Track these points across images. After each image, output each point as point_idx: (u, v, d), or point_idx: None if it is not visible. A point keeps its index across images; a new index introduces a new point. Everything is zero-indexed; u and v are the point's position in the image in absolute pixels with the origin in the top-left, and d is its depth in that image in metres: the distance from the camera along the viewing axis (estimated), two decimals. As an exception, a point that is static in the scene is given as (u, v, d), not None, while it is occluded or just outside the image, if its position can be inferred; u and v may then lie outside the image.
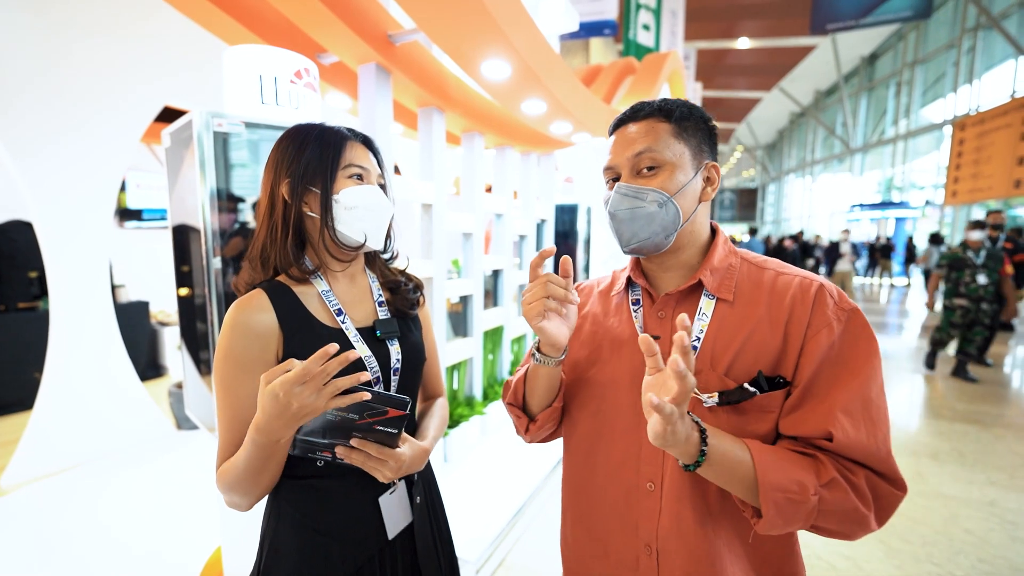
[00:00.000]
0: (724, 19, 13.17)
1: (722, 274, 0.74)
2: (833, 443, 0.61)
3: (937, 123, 11.71)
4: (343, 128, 0.85)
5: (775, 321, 0.68)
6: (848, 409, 0.62)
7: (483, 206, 2.97)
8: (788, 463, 0.61)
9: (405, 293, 0.93)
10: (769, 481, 0.59)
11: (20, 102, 2.46)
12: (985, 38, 10.11)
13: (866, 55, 15.06)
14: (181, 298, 1.81)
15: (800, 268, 0.75)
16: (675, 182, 0.70)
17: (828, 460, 0.62)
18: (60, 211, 2.67)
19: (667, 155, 0.70)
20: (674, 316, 0.74)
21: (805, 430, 0.64)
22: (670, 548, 0.70)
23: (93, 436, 2.89)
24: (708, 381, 0.68)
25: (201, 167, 1.38)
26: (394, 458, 0.73)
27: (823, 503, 0.60)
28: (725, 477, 0.61)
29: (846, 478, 0.61)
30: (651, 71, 4.48)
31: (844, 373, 0.64)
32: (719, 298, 0.72)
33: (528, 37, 2.00)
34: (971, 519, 2.42)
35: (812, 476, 0.60)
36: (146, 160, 5.32)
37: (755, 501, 0.61)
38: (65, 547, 2.09)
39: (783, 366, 0.67)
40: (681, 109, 0.73)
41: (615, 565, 0.75)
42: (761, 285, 0.72)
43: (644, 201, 0.70)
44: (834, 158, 17.29)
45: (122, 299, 4.33)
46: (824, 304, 0.67)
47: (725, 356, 0.68)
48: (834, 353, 0.65)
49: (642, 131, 0.72)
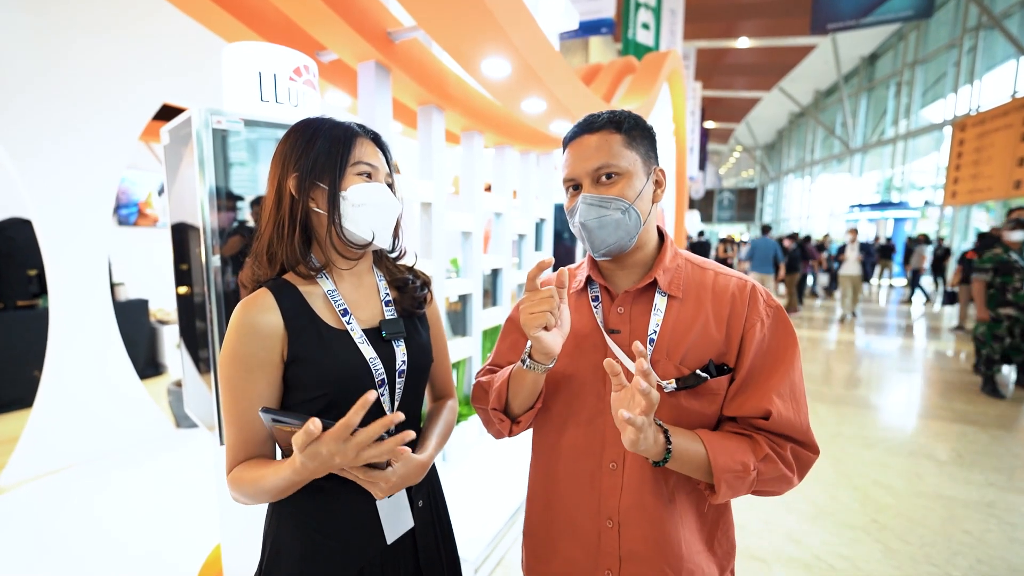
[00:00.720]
0: (724, 18, 13.16)
1: (672, 273, 0.82)
2: (770, 421, 0.74)
3: (937, 123, 11.72)
4: (353, 124, 0.83)
5: (719, 317, 0.79)
6: (780, 392, 0.75)
7: (482, 205, 2.96)
8: (733, 447, 0.73)
9: (412, 291, 0.91)
10: (720, 465, 0.71)
11: (19, 101, 2.46)
12: (986, 38, 10.11)
13: (866, 55, 15.05)
14: (180, 296, 1.81)
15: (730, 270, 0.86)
16: (633, 188, 0.78)
17: (761, 438, 0.75)
18: (59, 209, 2.66)
19: (623, 164, 0.77)
20: (632, 311, 0.82)
21: (745, 411, 0.76)
22: (631, 520, 0.79)
23: (92, 434, 2.89)
24: (666, 369, 0.78)
25: (200, 165, 1.38)
26: (383, 479, 0.72)
27: (760, 474, 0.73)
28: (685, 466, 0.73)
29: (776, 452, 0.74)
30: (651, 70, 4.48)
31: (774, 362, 0.77)
32: (670, 295, 0.81)
33: (528, 35, 2.00)
34: (969, 520, 2.42)
35: (751, 455, 0.73)
36: (145, 158, 5.31)
37: (708, 479, 0.73)
38: (64, 545, 2.09)
39: (727, 356, 0.78)
40: (628, 120, 0.79)
41: (580, 539, 0.83)
42: (704, 284, 0.82)
43: (609, 209, 0.77)
44: (833, 158, 17.29)
45: (121, 297, 4.33)
46: (757, 302, 0.79)
47: (679, 348, 0.78)
48: (765, 344, 0.77)
49: (598, 143, 0.78)
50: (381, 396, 0.81)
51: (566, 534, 0.85)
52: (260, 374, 0.74)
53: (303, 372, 0.76)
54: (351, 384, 0.77)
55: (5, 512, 2.33)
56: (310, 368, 0.76)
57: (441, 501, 0.97)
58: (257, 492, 0.72)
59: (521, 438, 0.97)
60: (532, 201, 3.59)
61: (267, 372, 0.75)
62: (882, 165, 14.68)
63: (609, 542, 0.80)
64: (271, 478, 0.69)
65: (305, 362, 0.76)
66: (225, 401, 0.75)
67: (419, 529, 0.88)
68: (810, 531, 2.34)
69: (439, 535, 0.93)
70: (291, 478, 0.67)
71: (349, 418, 0.60)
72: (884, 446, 3.31)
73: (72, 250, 2.74)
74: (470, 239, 2.91)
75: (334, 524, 0.80)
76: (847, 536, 2.30)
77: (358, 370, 0.78)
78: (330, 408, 0.77)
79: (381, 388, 0.80)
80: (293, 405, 0.79)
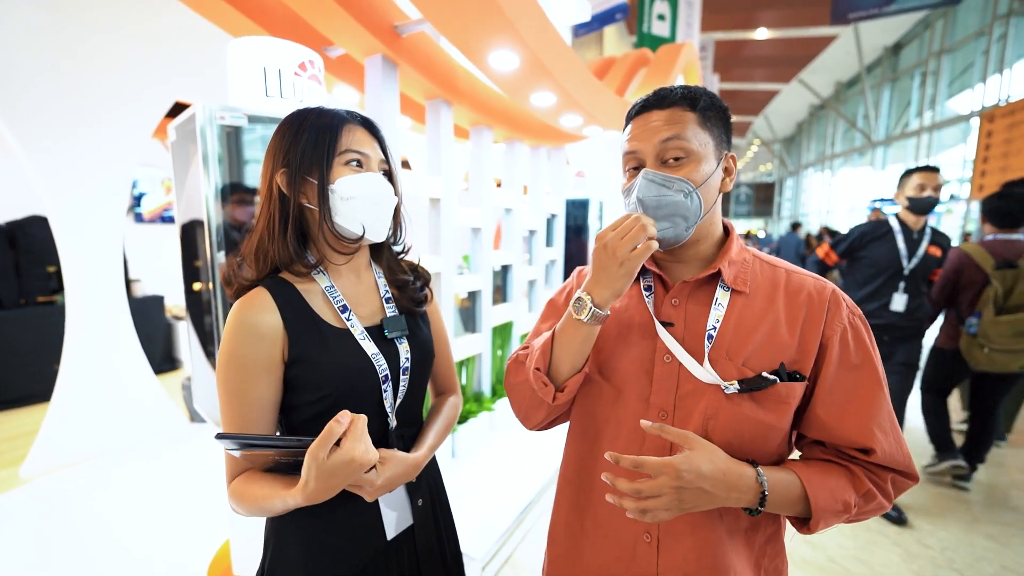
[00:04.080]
0: (742, 9, 12.87)
1: (738, 267, 0.74)
2: (873, 457, 0.67)
3: (964, 115, 11.34)
4: (342, 111, 0.79)
5: (792, 319, 0.70)
6: (881, 424, 0.67)
7: (492, 201, 2.94)
8: (833, 484, 0.66)
9: (412, 291, 0.89)
10: (820, 506, 0.65)
11: (33, 98, 2.49)
12: (1017, 25, 9.73)
13: (890, 45, 14.61)
14: (193, 292, 1.82)
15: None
16: (701, 173, 0.70)
17: (860, 471, 0.68)
18: (74, 206, 2.70)
19: (694, 145, 0.69)
20: (688, 304, 0.74)
21: (841, 440, 0.69)
22: (672, 536, 0.71)
23: (108, 428, 2.94)
24: (726, 370, 0.69)
25: (204, 161, 1.38)
26: (367, 482, 0.70)
27: (859, 509, 0.68)
28: (778, 505, 0.66)
29: (877, 485, 0.68)
30: (666, 63, 4.39)
31: (869, 386, 0.68)
32: (734, 290, 0.73)
33: (536, 27, 1.96)
34: (993, 524, 2.34)
35: (852, 492, 0.67)
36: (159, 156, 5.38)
37: (800, 514, 0.68)
38: (79, 537, 2.13)
39: (799, 364, 0.69)
40: (705, 98, 0.71)
41: (612, 551, 0.76)
42: (776, 283, 0.73)
43: (671, 189, 0.69)
44: (855, 151, 16.87)
45: (138, 293, 4.40)
46: (839, 307, 0.70)
47: (743, 348, 0.69)
48: (852, 360, 0.69)
49: (668, 119, 0.70)
50: (384, 393, 0.79)
51: (596, 544, 0.78)
52: (260, 376, 0.72)
53: (305, 373, 0.75)
54: (355, 383, 0.76)
55: (25, 503, 2.38)
56: (312, 368, 0.74)
57: (443, 499, 0.96)
58: (263, 512, 0.71)
59: (534, 437, 0.94)
60: (543, 196, 3.55)
61: (267, 374, 0.73)
62: (906, 158, 14.27)
63: (646, 558, 0.73)
64: (278, 505, 0.68)
65: (307, 362, 0.74)
66: (224, 405, 0.73)
67: (419, 528, 0.86)
68: (826, 533, 2.28)
69: (440, 533, 0.92)
70: (287, 502, 0.67)
71: (331, 427, 0.62)
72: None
73: (87, 247, 2.78)
74: (480, 235, 2.89)
75: (336, 521, 0.79)
76: (864, 539, 2.24)
77: (361, 368, 0.77)
78: (334, 408, 0.75)
79: (384, 385, 0.79)
80: (295, 406, 0.77)
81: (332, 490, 0.64)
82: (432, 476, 0.93)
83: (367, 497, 0.71)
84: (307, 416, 0.77)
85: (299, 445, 0.63)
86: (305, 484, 0.62)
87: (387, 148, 0.84)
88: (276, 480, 0.70)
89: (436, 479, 0.95)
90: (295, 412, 0.78)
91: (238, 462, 0.74)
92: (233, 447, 0.63)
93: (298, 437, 0.64)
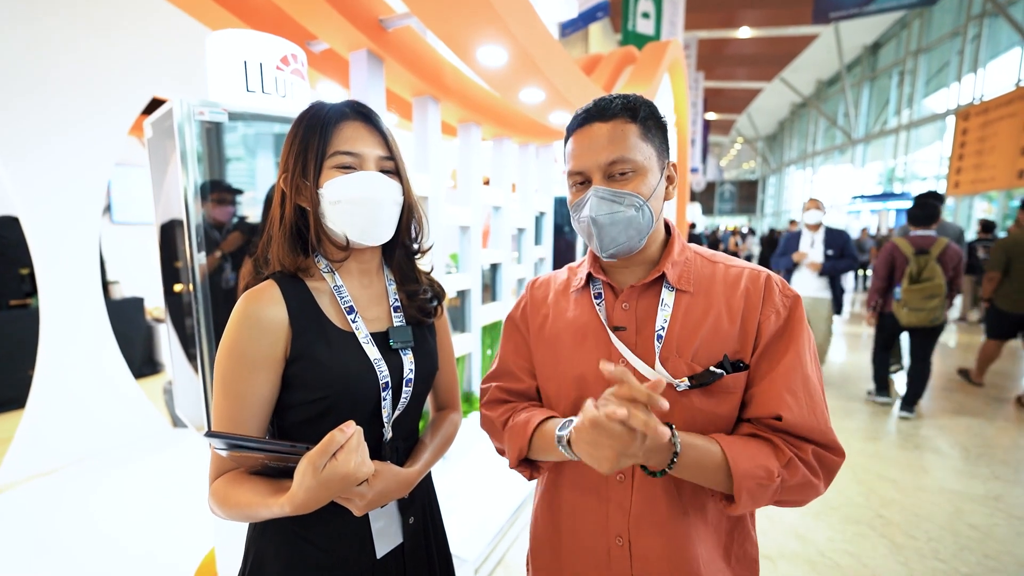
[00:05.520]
0: (725, 8, 12.99)
1: (681, 267, 0.77)
2: (782, 423, 0.67)
3: (940, 113, 11.59)
4: (340, 105, 0.76)
5: (732, 310, 0.72)
6: (792, 389, 0.67)
7: (481, 199, 2.91)
8: (753, 450, 0.66)
9: (421, 302, 0.86)
10: (741, 471, 0.64)
11: (3, 97, 2.40)
12: (991, 25, 9.97)
13: (869, 44, 14.88)
14: (173, 294, 1.76)
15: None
16: (647, 186, 0.71)
17: (781, 442, 0.67)
18: (46, 206, 2.61)
19: (639, 158, 0.70)
20: (637, 307, 0.77)
21: (756, 411, 0.69)
22: (642, 537, 0.73)
23: (87, 434, 2.85)
24: (676, 367, 0.71)
25: (183, 159, 1.33)
26: (358, 495, 0.67)
27: (784, 482, 0.65)
28: (696, 473, 0.65)
29: (799, 456, 0.66)
30: (652, 60, 4.39)
31: (785, 353, 0.69)
32: (679, 289, 0.75)
33: (525, 21, 1.94)
34: (976, 514, 2.39)
35: (774, 459, 0.65)
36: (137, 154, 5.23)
37: (725, 488, 0.66)
38: (59, 545, 2.06)
39: (742, 352, 0.71)
40: (644, 108, 0.72)
41: (588, 558, 0.78)
42: (715, 277, 0.76)
43: (622, 205, 0.70)
44: (835, 149, 17.17)
45: (116, 295, 4.29)
46: (772, 292, 0.73)
47: (690, 344, 0.72)
48: (778, 336, 0.71)
49: (611, 134, 0.70)
50: (383, 402, 0.77)
51: (574, 553, 0.80)
52: (259, 371, 0.70)
53: (305, 371, 0.72)
54: (353, 386, 0.74)
55: (0, 512, 2.30)
56: (313, 367, 0.72)
57: (436, 519, 0.92)
58: (244, 517, 0.68)
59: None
60: (531, 194, 3.54)
61: (267, 369, 0.71)
62: (884, 156, 14.57)
63: (620, 561, 0.74)
64: (262, 513, 0.64)
65: (308, 360, 0.72)
66: (219, 398, 0.70)
67: (408, 547, 0.83)
68: (814, 527, 2.30)
69: (432, 555, 0.88)
70: (274, 511, 0.62)
71: (333, 436, 0.59)
72: (888, 440, 3.28)
73: (61, 248, 2.69)
74: (468, 233, 2.86)
75: (322, 533, 0.76)
76: (852, 531, 2.27)
77: (361, 372, 0.74)
78: (330, 411, 0.73)
79: (384, 393, 0.76)
80: (291, 406, 0.74)
81: (321, 501, 0.61)
82: (426, 493, 0.90)
83: (356, 511, 0.69)
84: (300, 419, 0.75)
85: (291, 451, 0.61)
86: (295, 493, 0.59)
87: (391, 142, 0.80)
88: (261, 485, 0.67)
89: (430, 497, 0.92)
90: (289, 412, 0.75)
91: (223, 461, 0.70)
92: (221, 446, 0.60)
93: (291, 442, 0.61)
